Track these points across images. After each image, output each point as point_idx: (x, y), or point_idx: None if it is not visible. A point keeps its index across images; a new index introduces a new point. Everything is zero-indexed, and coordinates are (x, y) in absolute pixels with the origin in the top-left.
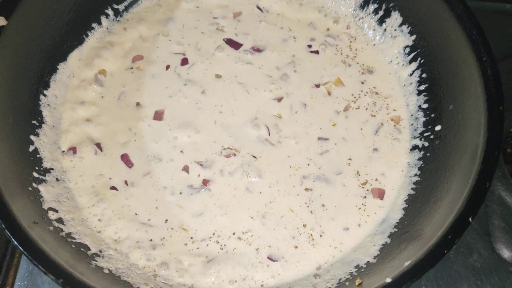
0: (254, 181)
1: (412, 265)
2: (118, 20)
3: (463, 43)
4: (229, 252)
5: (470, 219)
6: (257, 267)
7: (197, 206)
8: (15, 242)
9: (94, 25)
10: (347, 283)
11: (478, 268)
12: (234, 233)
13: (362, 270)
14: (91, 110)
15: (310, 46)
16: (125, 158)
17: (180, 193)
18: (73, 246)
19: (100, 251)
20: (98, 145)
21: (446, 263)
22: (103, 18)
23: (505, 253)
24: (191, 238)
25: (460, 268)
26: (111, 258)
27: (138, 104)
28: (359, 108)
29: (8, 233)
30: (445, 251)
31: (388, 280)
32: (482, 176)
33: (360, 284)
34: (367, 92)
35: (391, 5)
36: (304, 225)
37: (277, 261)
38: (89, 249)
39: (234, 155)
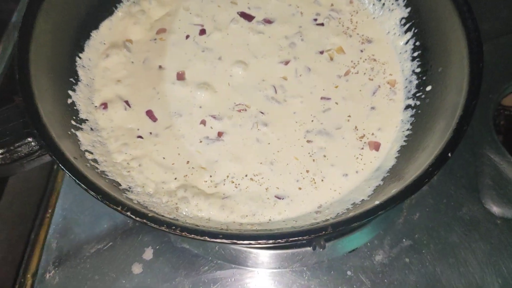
0: (262, 132)
1: (397, 192)
2: None
3: (450, 11)
4: (242, 190)
5: (449, 154)
6: (265, 204)
7: (213, 153)
8: (62, 167)
9: None
10: (343, 216)
11: (467, 220)
12: (246, 175)
13: (357, 205)
14: (120, 72)
15: (315, 19)
16: (149, 114)
17: (200, 142)
18: (107, 181)
19: (129, 187)
20: (127, 102)
21: (437, 215)
22: None
23: (493, 207)
24: (210, 176)
25: (450, 220)
26: (139, 193)
27: (160, 67)
28: (358, 73)
29: (57, 162)
30: (426, 180)
31: (377, 202)
32: (461, 119)
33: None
34: (365, 59)
35: None
36: (307, 171)
37: (283, 199)
38: (120, 185)
39: (245, 110)
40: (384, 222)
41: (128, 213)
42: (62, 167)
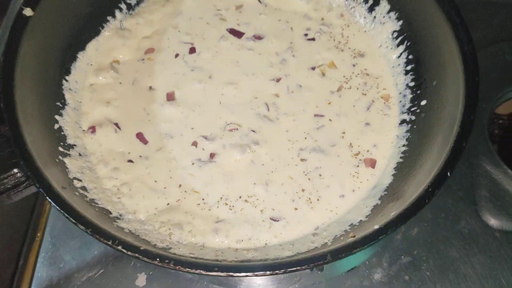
0: (255, 152)
1: (397, 214)
2: (131, 14)
3: (443, 24)
4: (237, 213)
5: (448, 173)
6: (261, 227)
7: (206, 176)
8: (50, 200)
9: (109, 18)
10: (341, 238)
11: (466, 234)
12: (240, 197)
13: (356, 227)
14: (108, 94)
15: (306, 34)
16: (140, 136)
17: (193, 164)
18: (97, 209)
19: (120, 215)
20: (116, 125)
21: (436, 229)
22: (117, 12)
23: (490, 220)
24: (203, 199)
25: (449, 234)
26: (130, 221)
27: (150, 87)
28: (350, 88)
29: (44, 193)
30: (426, 201)
31: (376, 227)
32: (459, 137)
33: (353, 237)
34: (358, 74)
35: None
36: (303, 190)
37: (278, 220)
38: (110, 213)
39: (237, 129)
40: (382, 239)
41: (119, 247)
42: (50, 200)
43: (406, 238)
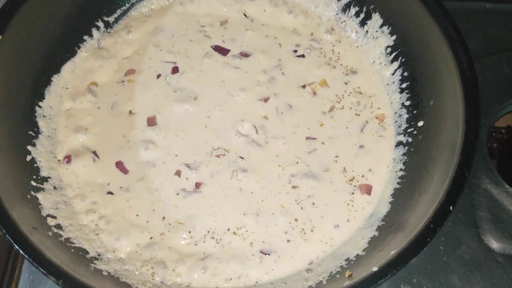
0: (243, 181)
1: (397, 254)
2: (109, 32)
3: (440, 41)
4: (225, 246)
5: (451, 207)
6: (251, 262)
7: (191, 207)
8: (16, 247)
9: (85, 37)
10: (337, 276)
11: (468, 259)
12: (228, 229)
13: (352, 262)
14: (86, 120)
15: (295, 51)
16: (120, 165)
17: (177, 194)
18: (72, 250)
19: (99, 255)
20: (94, 153)
21: (436, 256)
22: (94, 31)
23: (493, 244)
24: (189, 232)
25: (449, 260)
26: (109, 261)
27: (130, 112)
28: (343, 108)
29: (9, 238)
30: (428, 240)
31: (375, 269)
32: (461, 166)
33: (350, 275)
34: (350, 92)
35: (371, 7)
36: (296, 219)
37: (269, 254)
38: (87, 253)
39: (224, 155)
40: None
41: None
42: (16, 247)
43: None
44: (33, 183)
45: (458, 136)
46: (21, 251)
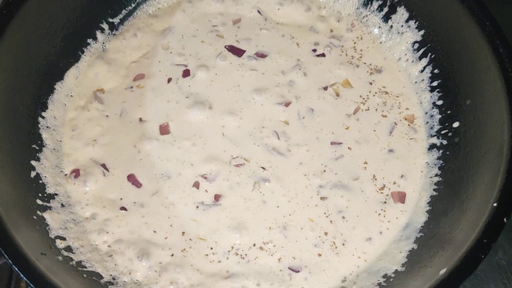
0: (267, 193)
1: (449, 273)
2: (114, 34)
3: (476, 35)
4: (251, 262)
5: (504, 219)
6: (279, 278)
7: (212, 221)
8: (24, 278)
9: (89, 40)
10: None
11: (504, 266)
12: (254, 244)
13: (391, 280)
14: (93, 130)
15: (314, 50)
16: (132, 179)
17: (197, 207)
18: (85, 275)
19: (114, 279)
20: (104, 166)
21: None
22: (98, 33)
23: None
24: (211, 248)
25: (485, 267)
26: (125, 285)
27: (140, 119)
28: (368, 109)
29: (15, 268)
30: (482, 256)
31: None
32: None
33: None
34: (376, 92)
35: (396, 0)
36: (326, 233)
37: (299, 271)
38: (101, 277)
39: (243, 164)
40: None
41: None
42: (25, 278)
43: None
44: (39, 201)
45: (504, 139)
46: (27, 281)
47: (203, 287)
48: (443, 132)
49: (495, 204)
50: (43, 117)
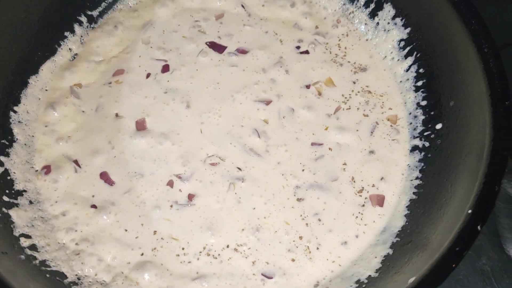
0: (241, 193)
1: (418, 282)
2: (93, 27)
3: (461, 34)
4: (224, 263)
5: (478, 227)
6: (251, 282)
7: (185, 221)
8: None
9: (66, 33)
10: None
11: (488, 271)
12: (228, 246)
13: (364, 285)
14: (67, 126)
15: (298, 47)
16: (105, 176)
17: (171, 207)
18: (48, 275)
19: (79, 279)
20: (76, 162)
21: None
22: (76, 26)
23: None
24: (183, 248)
25: (468, 272)
26: (90, 285)
27: (116, 115)
28: (350, 108)
29: None
30: (453, 266)
31: None
32: (489, 178)
33: None
34: (358, 91)
35: None
36: (300, 237)
37: (272, 278)
38: (65, 277)
39: (218, 163)
40: None
41: None
42: None
43: None
44: (5, 198)
45: (485, 143)
46: None
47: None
48: (426, 133)
49: (469, 211)
50: (15, 112)
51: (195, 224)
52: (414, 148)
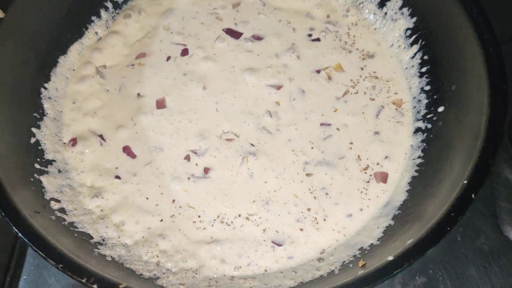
0: (253, 167)
1: (414, 243)
2: (118, 13)
3: (464, 22)
4: (236, 229)
5: (472, 195)
6: (262, 248)
7: (201, 191)
8: (15, 229)
9: (93, 18)
10: (350, 265)
11: (486, 250)
12: (239, 215)
13: (366, 252)
14: (92, 103)
15: (310, 35)
16: (127, 150)
17: (188, 179)
18: (76, 235)
19: (103, 240)
20: (101, 137)
21: (453, 246)
22: (102, 11)
23: None
24: (199, 216)
25: (467, 251)
26: (114, 246)
27: (138, 94)
28: (357, 92)
29: (8, 220)
30: (448, 229)
31: (390, 258)
32: (484, 153)
33: (363, 265)
34: (366, 77)
35: None
36: (309, 209)
37: (281, 245)
38: (91, 237)
39: (233, 139)
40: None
41: (95, 286)
42: (16, 230)
43: None
44: (36, 165)
45: (481, 122)
46: (19, 234)
47: (187, 252)
48: (428, 116)
49: (465, 182)
50: (45, 88)
51: (210, 195)
52: (417, 130)
